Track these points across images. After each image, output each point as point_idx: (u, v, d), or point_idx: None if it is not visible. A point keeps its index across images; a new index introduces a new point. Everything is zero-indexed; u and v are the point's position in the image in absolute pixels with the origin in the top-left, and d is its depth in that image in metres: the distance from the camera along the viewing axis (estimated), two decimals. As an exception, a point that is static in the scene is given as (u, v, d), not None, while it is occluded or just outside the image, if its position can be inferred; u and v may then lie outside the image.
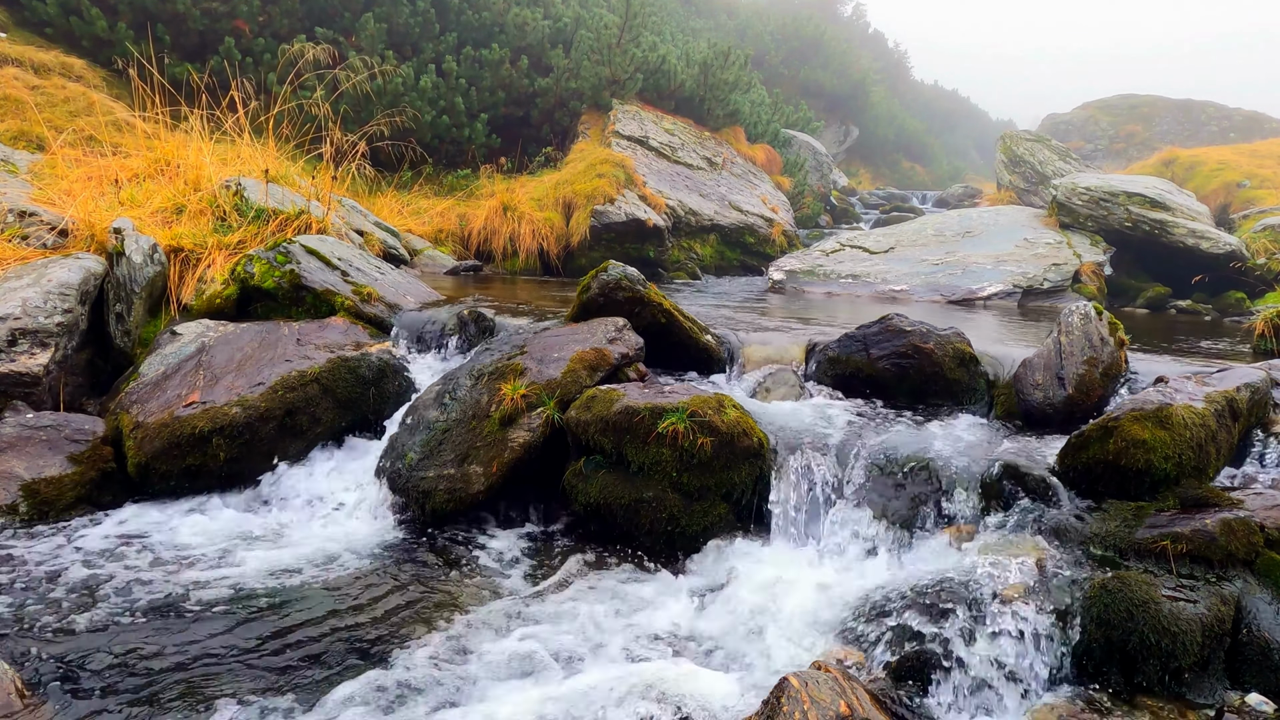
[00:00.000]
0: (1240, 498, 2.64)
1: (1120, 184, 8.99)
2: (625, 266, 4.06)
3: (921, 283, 7.65)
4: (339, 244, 4.96)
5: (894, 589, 2.57)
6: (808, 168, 13.98)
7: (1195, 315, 7.49)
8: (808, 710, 1.84)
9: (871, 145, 25.02)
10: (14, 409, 3.49)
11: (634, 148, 9.79)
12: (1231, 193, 11.97)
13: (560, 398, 3.43)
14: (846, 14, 31.52)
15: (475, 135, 9.52)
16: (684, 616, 2.67)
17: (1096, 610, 2.31)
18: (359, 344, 3.99)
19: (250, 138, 5.82)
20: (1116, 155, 20.58)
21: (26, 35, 7.43)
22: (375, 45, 9.05)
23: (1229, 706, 2.20)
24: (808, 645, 2.46)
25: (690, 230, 9.44)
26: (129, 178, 5.11)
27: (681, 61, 11.61)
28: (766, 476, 3.13)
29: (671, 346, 4.07)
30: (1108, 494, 2.74)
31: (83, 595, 2.61)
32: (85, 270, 3.95)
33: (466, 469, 3.27)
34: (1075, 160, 13.84)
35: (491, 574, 2.95)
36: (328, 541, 3.14)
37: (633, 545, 3.14)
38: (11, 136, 5.73)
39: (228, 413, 3.46)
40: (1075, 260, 8.09)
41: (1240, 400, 3.04)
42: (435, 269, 6.95)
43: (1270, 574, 2.38)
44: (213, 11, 8.33)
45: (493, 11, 10.47)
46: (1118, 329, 3.65)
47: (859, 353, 3.83)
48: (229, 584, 2.75)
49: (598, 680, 2.29)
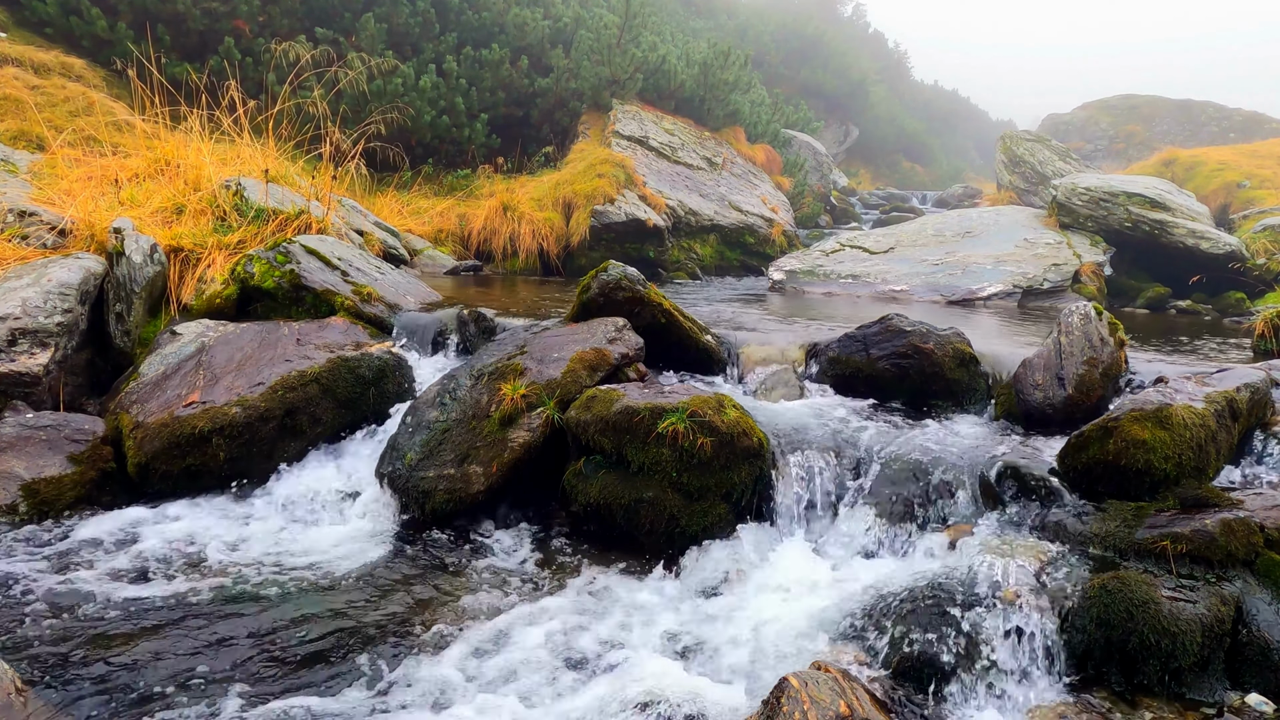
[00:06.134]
0: (1240, 498, 2.64)
1: (1120, 184, 8.99)
2: (625, 266, 4.05)
3: (921, 283, 7.64)
4: (339, 244, 4.96)
5: (894, 589, 2.57)
6: (808, 168, 13.99)
7: (1195, 315, 7.49)
8: (808, 710, 1.84)
9: (871, 145, 25.03)
10: (14, 409, 3.49)
11: (634, 148, 9.79)
12: (1231, 193, 11.97)
13: (560, 398, 3.43)
14: (846, 14, 31.54)
15: (475, 135, 9.52)
16: (684, 616, 2.67)
17: (1096, 610, 2.31)
18: (359, 344, 3.98)
19: (250, 138, 5.82)
20: (1116, 155, 20.59)
21: (26, 35, 7.43)
22: (375, 45, 9.05)
23: (1229, 706, 2.20)
24: (807, 645, 2.46)
25: (690, 230, 9.44)
26: (129, 178, 5.11)
27: (681, 61, 11.61)
28: (766, 477, 3.13)
29: (671, 346, 4.07)
30: (1108, 494, 2.75)
31: (82, 595, 2.61)
32: (85, 270, 3.95)
33: (466, 469, 3.26)
34: (1075, 160, 13.84)
35: (491, 574, 2.95)
36: (327, 541, 3.14)
37: (632, 545, 3.14)
38: (11, 136, 5.73)
39: (228, 413, 3.46)
40: (1075, 260, 8.09)
41: (1240, 400, 3.04)
42: (435, 269, 6.95)
43: (1270, 574, 2.38)
44: (213, 11, 8.33)
45: (493, 11, 10.47)
46: (1117, 329, 3.65)
47: (859, 353, 3.83)
48: (228, 584, 2.75)
49: (597, 681, 2.29)
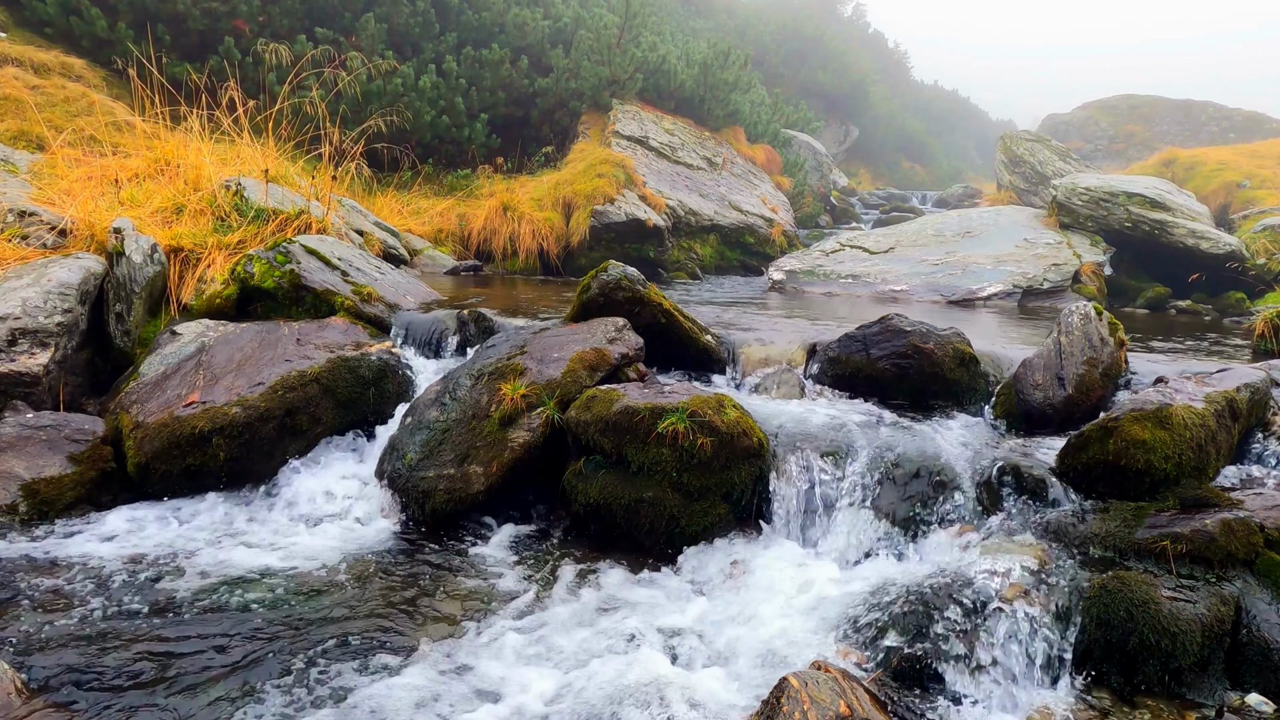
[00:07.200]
0: (1240, 498, 2.64)
1: (1120, 184, 8.99)
2: (625, 266, 4.05)
3: (921, 283, 7.64)
4: (339, 244, 4.96)
5: (894, 589, 2.57)
6: (808, 168, 13.99)
7: (1195, 315, 7.49)
8: (808, 710, 1.84)
9: (871, 145, 25.03)
10: (14, 409, 3.49)
11: (634, 148, 9.79)
12: (1231, 193, 11.97)
13: (560, 398, 3.43)
14: (846, 14, 31.52)
15: (475, 135, 9.52)
16: (684, 616, 2.67)
17: (1096, 610, 2.31)
18: (359, 344, 3.98)
19: (250, 138, 5.82)
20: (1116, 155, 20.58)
21: (26, 35, 7.43)
22: (375, 45, 9.05)
23: (1229, 706, 2.20)
24: (807, 645, 2.46)
25: (690, 230, 9.44)
26: (129, 178, 5.11)
27: (681, 61, 11.61)
28: (766, 476, 3.13)
29: (671, 346, 4.07)
30: (1108, 494, 2.75)
31: (81, 595, 2.61)
32: (85, 270, 3.95)
33: (466, 469, 3.27)
34: (1075, 160, 13.84)
35: (491, 574, 2.95)
36: (327, 541, 3.14)
37: (633, 545, 3.14)
38: (11, 136, 5.73)
39: (227, 413, 3.46)
40: (1075, 260, 8.09)
41: (1240, 400, 3.04)
42: (435, 269, 6.95)
43: (1270, 574, 2.38)
44: (213, 11, 8.33)
45: (493, 11, 10.47)
46: (1117, 329, 3.65)
47: (859, 353, 3.83)
48: (228, 584, 2.75)
49: (597, 681, 2.29)
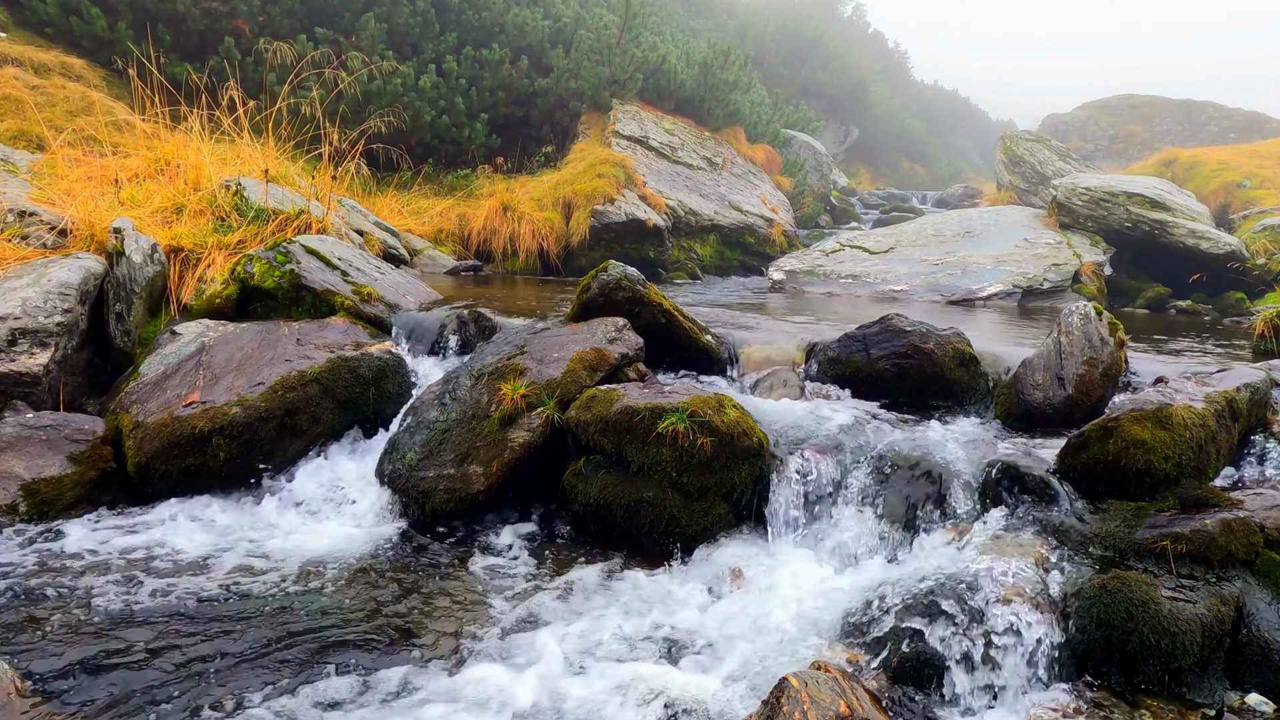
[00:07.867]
0: (1240, 498, 2.64)
1: (1120, 184, 8.99)
2: (625, 266, 4.05)
3: (921, 283, 7.64)
4: (339, 244, 4.96)
5: (894, 589, 2.57)
6: (808, 168, 13.99)
7: (1195, 315, 7.49)
8: (808, 710, 1.84)
9: (871, 145, 25.02)
10: (14, 409, 3.48)
11: (634, 148, 9.78)
12: (1231, 193, 11.97)
13: (560, 398, 3.42)
14: (846, 14, 31.51)
15: (475, 135, 9.51)
16: (684, 616, 2.67)
17: (1096, 610, 2.31)
18: (359, 344, 3.98)
19: (250, 138, 5.82)
20: (1116, 155, 20.58)
21: (26, 35, 7.42)
22: (375, 45, 9.04)
23: (1229, 707, 2.20)
24: (807, 645, 2.46)
25: (690, 230, 9.44)
26: (129, 177, 5.11)
27: (681, 61, 11.61)
28: (766, 477, 3.13)
29: (671, 346, 4.07)
30: (1108, 494, 2.75)
31: (81, 594, 2.61)
32: (85, 270, 3.95)
33: (466, 469, 3.26)
34: (1075, 160, 13.84)
35: (491, 574, 2.95)
36: (327, 541, 3.14)
37: (633, 545, 3.14)
38: (11, 136, 5.73)
39: (227, 413, 3.46)
40: (1075, 260, 8.09)
41: (1240, 400, 3.04)
42: (435, 269, 6.95)
43: (1270, 574, 2.38)
44: (213, 11, 8.33)
45: (493, 11, 10.47)
46: (1117, 329, 3.65)
47: (859, 353, 3.83)
48: (227, 584, 2.75)
49: (597, 681, 2.29)
